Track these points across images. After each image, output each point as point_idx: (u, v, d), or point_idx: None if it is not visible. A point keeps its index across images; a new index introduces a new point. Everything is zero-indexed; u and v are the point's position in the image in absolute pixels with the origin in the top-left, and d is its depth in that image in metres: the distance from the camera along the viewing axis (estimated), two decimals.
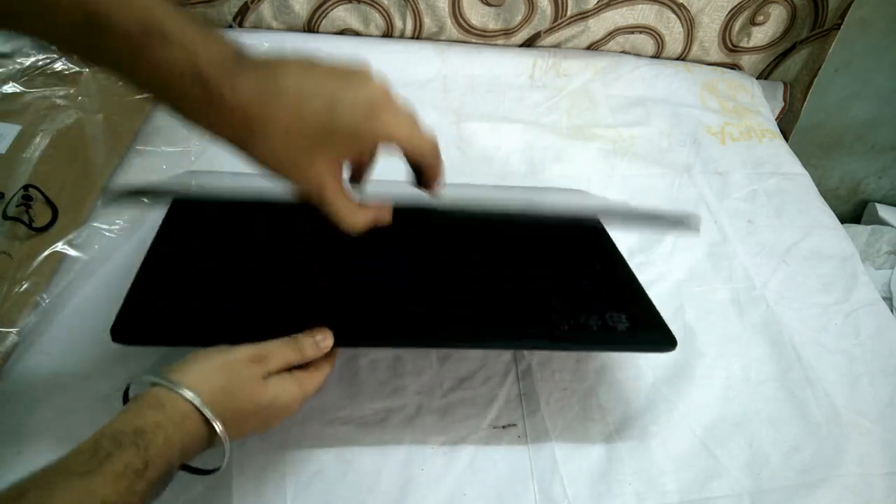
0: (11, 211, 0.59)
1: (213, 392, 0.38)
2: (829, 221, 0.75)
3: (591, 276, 0.56)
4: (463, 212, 0.55)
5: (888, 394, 0.58)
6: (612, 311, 0.51)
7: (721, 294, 0.65)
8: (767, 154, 0.83)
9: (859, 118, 1.12)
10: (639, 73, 0.89)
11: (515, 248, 0.58)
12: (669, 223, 0.53)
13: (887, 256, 1.12)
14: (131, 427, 0.35)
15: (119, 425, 0.35)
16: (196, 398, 0.37)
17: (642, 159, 0.79)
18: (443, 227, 0.59)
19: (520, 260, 0.57)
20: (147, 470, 0.34)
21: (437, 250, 0.57)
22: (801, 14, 0.89)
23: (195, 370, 0.39)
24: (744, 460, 0.52)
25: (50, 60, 0.76)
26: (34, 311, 0.53)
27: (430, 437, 0.51)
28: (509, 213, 0.58)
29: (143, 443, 0.34)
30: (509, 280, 0.54)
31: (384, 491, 0.48)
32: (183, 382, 0.37)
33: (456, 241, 0.57)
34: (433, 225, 0.59)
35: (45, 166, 0.64)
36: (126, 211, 0.63)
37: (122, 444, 0.34)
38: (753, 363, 0.59)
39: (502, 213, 0.58)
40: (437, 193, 0.44)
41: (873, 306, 0.66)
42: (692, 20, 0.89)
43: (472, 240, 0.58)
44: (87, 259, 0.58)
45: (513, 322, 0.49)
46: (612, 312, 0.51)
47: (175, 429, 0.36)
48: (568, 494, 0.49)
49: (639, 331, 0.49)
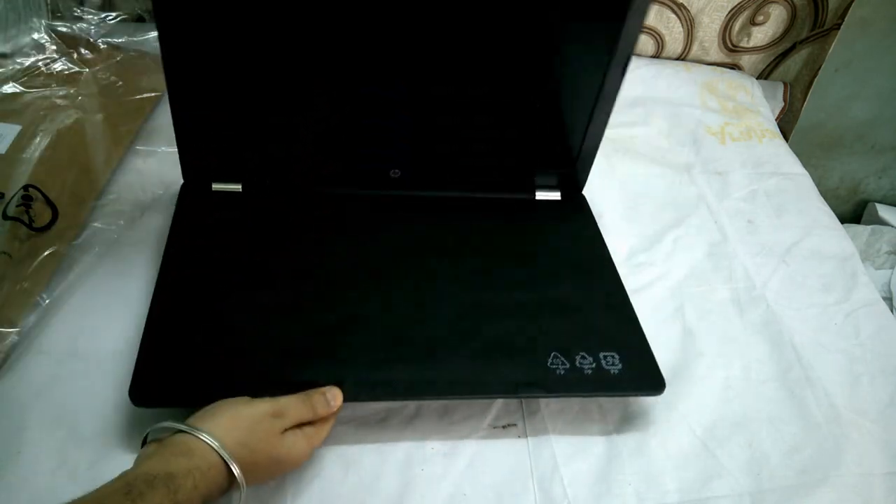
0: (11, 211, 0.59)
1: (235, 444, 0.40)
2: (829, 221, 0.75)
3: (587, 301, 0.57)
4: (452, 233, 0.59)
5: (888, 394, 0.58)
6: (607, 349, 0.53)
7: (721, 294, 0.65)
8: (767, 154, 0.83)
9: (859, 118, 1.12)
10: (639, 73, 0.89)
11: (509, 269, 0.59)
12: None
13: (887, 256, 1.12)
14: (164, 471, 0.37)
15: (150, 469, 0.37)
16: (223, 450, 0.39)
17: (642, 159, 0.79)
18: (436, 253, 0.60)
19: (515, 283, 0.58)
20: None
21: (432, 278, 0.58)
22: (801, 14, 0.89)
23: (221, 422, 0.41)
24: (744, 460, 0.52)
25: (50, 60, 0.76)
26: (34, 311, 0.53)
27: (430, 437, 0.51)
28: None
29: (174, 486, 0.36)
30: (505, 311, 0.55)
31: (384, 491, 0.48)
32: (212, 433, 0.40)
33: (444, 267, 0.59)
34: (428, 251, 0.60)
35: (45, 166, 0.64)
36: (126, 211, 0.63)
37: (154, 486, 0.36)
38: (753, 363, 0.59)
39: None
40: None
41: (873, 306, 0.66)
42: (692, 20, 0.89)
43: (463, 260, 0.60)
44: (87, 259, 0.58)
45: (508, 368, 0.51)
46: (607, 352, 0.53)
47: (202, 476, 0.38)
48: (568, 494, 0.49)
49: (631, 374, 0.52)
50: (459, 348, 0.52)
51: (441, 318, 0.54)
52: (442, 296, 0.56)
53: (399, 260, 0.59)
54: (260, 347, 0.50)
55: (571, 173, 0.67)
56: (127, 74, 0.76)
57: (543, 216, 0.66)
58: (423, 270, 0.58)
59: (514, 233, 0.64)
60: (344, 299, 0.54)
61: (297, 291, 0.54)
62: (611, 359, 0.52)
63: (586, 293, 0.58)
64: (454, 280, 0.57)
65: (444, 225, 0.63)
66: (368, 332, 0.52)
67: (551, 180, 0.67)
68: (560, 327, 0.54)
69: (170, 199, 0.63)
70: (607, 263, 0.62)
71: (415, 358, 0.51)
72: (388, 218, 0.63)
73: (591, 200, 0.69)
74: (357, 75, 0.57)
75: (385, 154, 0.62)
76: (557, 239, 0.64)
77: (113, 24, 0.81)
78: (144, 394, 0.46)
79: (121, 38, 0.81)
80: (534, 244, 0.63)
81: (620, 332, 0.55)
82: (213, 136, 0.59)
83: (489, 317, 0.54)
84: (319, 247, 0.59)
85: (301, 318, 0.52)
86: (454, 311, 0.55)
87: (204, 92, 0.56)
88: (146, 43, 0.81)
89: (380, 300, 0.54)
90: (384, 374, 0.49)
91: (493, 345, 0.52)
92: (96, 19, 0.81)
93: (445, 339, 0.52)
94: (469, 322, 0.54)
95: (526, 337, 0.53)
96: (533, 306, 0.56)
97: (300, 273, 0.56)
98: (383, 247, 0.60)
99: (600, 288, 0.59)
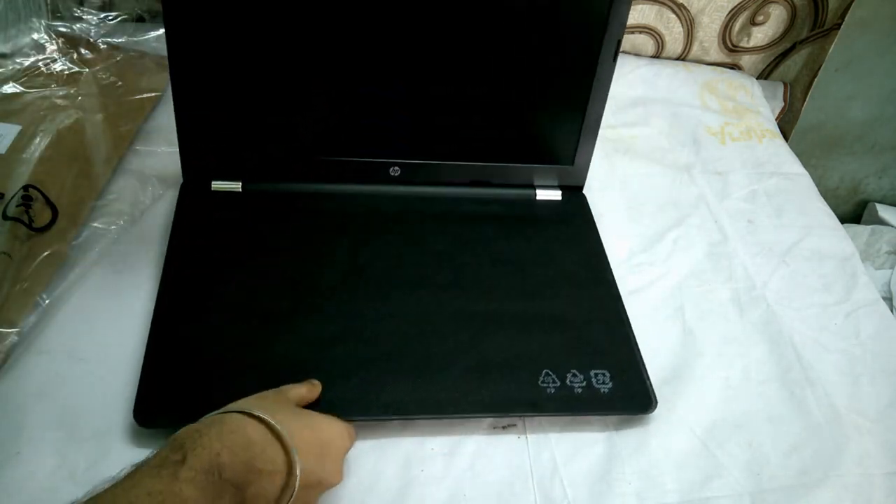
0: (11, 211, 0.59)
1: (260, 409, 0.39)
2: (829, 221, 0.75)
3: (582, 313, 0.57)
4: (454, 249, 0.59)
5: (888, 394, 0.58)
6: (598, 366, 0.53)
7: (721, 294, 0.65)
8: (767, 154, 0.83)
9: (859, 118, 1.12)
10: (639, 73, 0.89)
11: (505, 278, 0.59)
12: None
13: (887, 256, 1.12)
14: (207, 453, 0.35)
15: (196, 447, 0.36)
16: (253, 410, 0.38)
17: (642, 159, 0.79)
18: (432, 257, 0.60)
19: (510, 293, 0.58)
20: (186, 460, 0.34)
21: (428, 287, 0.58)
22: (801, 14, 0.89)
23: (237, 402, 0.41)
24: (744, 460, 0.52)
25: (50, 60, 0.76)
26: (34, 311, 0.53)
27: (430, 437, 0.51)
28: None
29: (178, 442, 0.35)
30: (499, 325, 0.55)
31: (384, 491, 0.48)
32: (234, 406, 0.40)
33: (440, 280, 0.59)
34: (424, 256, 0.60)
35: (45, 166, 0.64)
36: (126, 211, 0.63)
37: (158, 451, 0.35)
38: (753, 363, 0.59)
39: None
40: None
41: (873, 306, 0.66)
42: (692, 20, 0.89)
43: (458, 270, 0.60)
44: (87, 259, 0.58)
45: (499, 386, 0.51)
46: (598, 370, 0.53)
47: (216, 433, 0.36)
48: (568, 494, 0.49)
49: (621, 393, 0.52)
50: (451, 365, 0.52)
51: (435, 333, 0.54)
52: (437, 308, 0.56)
53: (395, 267, 0.59)
54: (256, 364, 0.50)
55: (570, 170, 0.67)
56: (127, 74, 0.76)
57: (543, 218, 0.66)
58: (419, 278, 0.58)
59: (512, 236, 0.63)
60: (339, 312, 0.54)
61: (294, 302, 0.55)
62: (601, 377, 0.52)
63: (581, 305, 0.58)
64: (449, 289, 0.57)
65: (443, 224, 0.63)
66: (361, 346, 0.52)
67: (551, 179, 0.67)
68: (552, 342, 0.55)
69: (170, 199, 0.63)
70: (604, 272, 0.62)
71: (405, 375, 0.51)
72: (386, 220, 0.63)
73: (592, 200, 0.69)
74: (356, 73, 0.57)
75: (384, 151, 0.62)
76: (556, 245, 0.63)
77: (113, 24, 0.81)
78: (148, 415, 0.46)
79: (121, 38, 0.81)
80: (531, 250, 0.62)
81: (613, 348, 0.55)
82: (213, 134, 0.59)
83: (482, 331, 0.55)
84: (316, 252, 0.59)
85: (297, 330, 0.53)
86: (448, 324, 0.55)
87: (206, 90, 0.57)
88: (146, 43, 0.81)
89: (374, 312, 0.55)
90: (375, 392, 0.50)
91: (484, 361, 0.52)
92: (96, 19, 0.81)
93: (438, 354, 0.53)
94: (462, 337, 0.54)
95: (518, 353, 0.53)
96: (527, 319, 0.56)
97: (297, 280, 0.56)
98: (379, 252, 0.60)
99: (595, 299, 0.59)
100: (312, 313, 0.54)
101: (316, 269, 0.57)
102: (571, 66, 0.59)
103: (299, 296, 0.55)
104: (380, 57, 0.57)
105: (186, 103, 0.57)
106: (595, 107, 0.62)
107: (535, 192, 0.67)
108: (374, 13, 0.54)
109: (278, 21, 0.54)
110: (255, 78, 0.57)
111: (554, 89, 0.61)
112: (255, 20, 0.54)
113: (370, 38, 0.56)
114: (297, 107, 0.59)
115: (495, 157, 0.65)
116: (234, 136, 0.60)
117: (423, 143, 0.62)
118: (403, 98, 0.59)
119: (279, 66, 0.57)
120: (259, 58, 0.56)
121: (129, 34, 0.81)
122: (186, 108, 0.57)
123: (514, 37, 0.57)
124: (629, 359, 0.55)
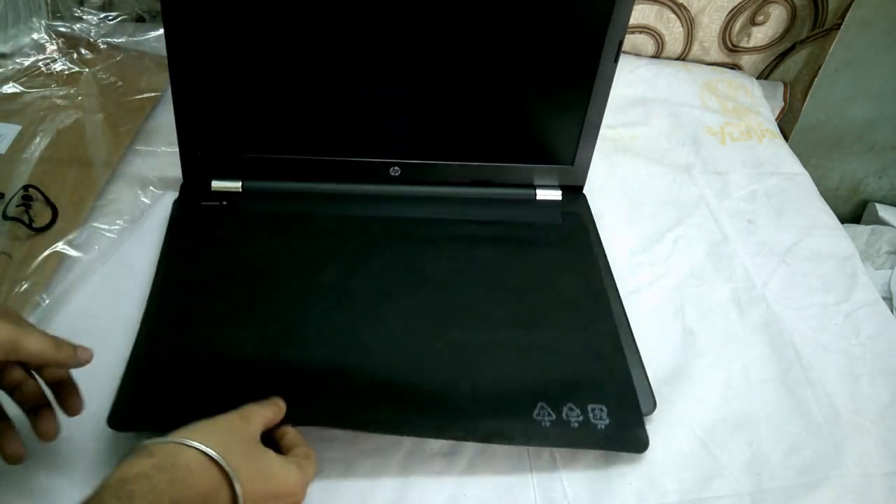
0: (11, 211, 0.59)
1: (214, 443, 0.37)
2: (829, 221, 0.75)
3: (581, 338, 0.55)
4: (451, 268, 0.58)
5: (888, 394, 0.58)
6: (595, 400, 0.51)
7: (721, 294, 0.65)
8: (767, 154, 0.83)
9: (859, 118, 1.12)
10: (639, 73, 0.89)
11: (503, 297, 0.58)
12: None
13: (887, 256, 1.12)
14: (114, 479, 0.34)
15: (103, 482, 0.34)
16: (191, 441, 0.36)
17: (642, 159, 0.79)
18: (431, 274, 0.59)
19: (507, 315, 0.56)
20: None
21: (426, 308, 0.56)
22: (801, 14, 0.89)
23: (195, 427, 0.39)
24: (744, 460, 0.52)
25: (50, 60, 0.76)
26: (34, 311, 0.53)
27: (430, 438, 0.51)
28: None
29: (127, 489, 0.33)
30: (496, 352, 0.53)
31: (384, 491, 0.48)
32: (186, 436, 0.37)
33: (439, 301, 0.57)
34: (423, 271, 0.59)
35: (45, 166, 0.64)
36: (126, 211, 0.63)
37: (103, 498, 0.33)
38: (753, 363, 0.59)
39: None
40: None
41: (873, 306, 0.65)
42: (692, 20, 0.89)
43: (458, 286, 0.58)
44: (87, 259, 0.58)
45: (494, 419, 0.49)
46: (595, 404, 0.50)
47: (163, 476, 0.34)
48: (568, 494, 0.49)
49: (617, 430, 0.50)
50: (446, 397, 0.50)
51: (430, 360, 0.52)
52: (434, 333, 0.54)
53: (392, 283, 0.57)
54: (245, 379, 0.49)
55: (570, 170, 0.67)
56: (127, 74, 0.76)
57: (543, 221, 0.65)
58: (416, 297, 0.56)
59: (512, 244, 0.62)
60: (332, 331, 0.53)
61: (284, 320, 0.53)
62: (598, 412, 0.50)
63: (580, 330, 0.56)
64: (445, 308, 0.56)
65: (441, 229, 0.63)
66: (354, 370, 0.51)
67: (551, 179, 0.67)
68: (549, 372, 0.52)
69: (169, 199, 0.63)
70: (605, 291, 0.59)
71: (400, 402, 0.50)
72: (385, 222, 0.62)
73: (592, 200, 0.69)
74: (356, 73, 0.57)
75: (384, 151, 0.62)
76: (555, 257, 0.62)
77: (113, 24, 0.81)
78: (121, 419, 0.46)
79: (121, 38, 0.81)
80: (531, 262, 0.61)
81: (611, 379, 0.53)
82: (213, 134, 0.59)
83: (479, 358, 0.53)
84: (313, 260, 0.58)
85: (284, 351, 0.51)
86: (444, 351, 0.53)
87: (206, 90, 0.57)
88: (146, 43, 0.81)
89: (369, 333, 0.53)
90: (367, 403, 0.49)
91: (480, 392, 0.50)
92: (96, 19, 0.81)
93: (433, 383, 0.51)
94: (458, 365, 0.52)
95: (514, 383, 0.51)
96: (523, 343, 0.54)
97: (291, 292, 0.55)
98: (378, 263, 0.58)
99: (595, 323, 0.57)
100: (302, 332, 0.53)
101: (308, 284, 0.56)
102: (572, 66, 0.59)
103: (290, 313, 0.54)
104: (380, 57, 0.57)
105: (186, 103, 0.57)
106: (595, 107, 0.61)
107: (535, 193, 0.67)
108: (373, 13, 0.54)
109: (278, 21, 0.54)
110: (255, 78, 0.57)
111: (554, 89, 0.61)
112: (255, 20, 0.54)
113: (370, 38, 0.56)
114: (296, 106, 0.59)
115: (495, 157, 0.65)
116: (234, 136, 0.60)
117: (424, 143, 0.62)
118: (403, 98, 0.59)
119: (279, 65, 0.57)
120: (259, 57, 0.56)
121: (129, 34, 0.81)
122: (186, 108, 0.57)
123: (515, 37, 0.57)
124: (626, 392, 0.52)
